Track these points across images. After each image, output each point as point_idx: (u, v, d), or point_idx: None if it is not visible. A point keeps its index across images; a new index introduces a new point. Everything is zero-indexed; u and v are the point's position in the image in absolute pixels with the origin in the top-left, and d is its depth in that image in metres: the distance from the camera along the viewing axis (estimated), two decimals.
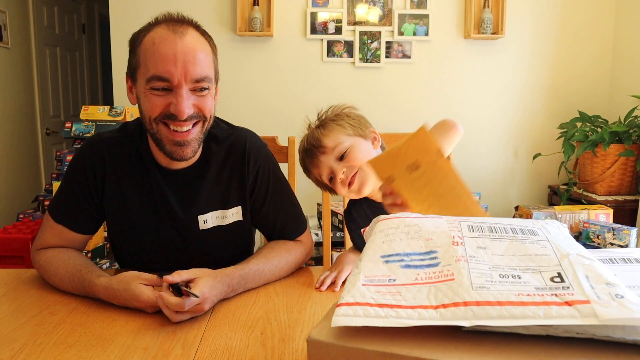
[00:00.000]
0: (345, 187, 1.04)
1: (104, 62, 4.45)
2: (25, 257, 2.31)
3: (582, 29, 2.88)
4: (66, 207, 1.03)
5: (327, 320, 0.48)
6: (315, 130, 1.08)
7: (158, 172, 1.01)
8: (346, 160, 1.04)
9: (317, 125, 1.09)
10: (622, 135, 2.44)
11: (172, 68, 0.86)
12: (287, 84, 2.84)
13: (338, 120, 1.08)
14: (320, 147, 1.05)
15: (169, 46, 0.87)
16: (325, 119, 1.10)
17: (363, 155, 1.03)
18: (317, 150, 1.05)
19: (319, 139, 1.05)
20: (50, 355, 0.68)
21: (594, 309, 0.41)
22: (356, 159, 1.03)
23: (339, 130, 1.06)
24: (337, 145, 1.04)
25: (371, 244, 0.58)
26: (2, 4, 3.14)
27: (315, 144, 1.05)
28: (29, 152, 3.50)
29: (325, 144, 1.04)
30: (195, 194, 1.02)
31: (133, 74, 0.94)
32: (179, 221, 1.03)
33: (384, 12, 2.82)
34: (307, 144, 1.08)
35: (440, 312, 0.44)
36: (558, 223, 0.61)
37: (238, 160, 1.05)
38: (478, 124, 2.92)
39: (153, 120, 0.91)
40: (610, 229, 1.97)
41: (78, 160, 1.03)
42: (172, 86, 0.88)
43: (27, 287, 0.95)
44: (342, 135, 1.05)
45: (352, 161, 1.03)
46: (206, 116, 0.94)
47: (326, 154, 1.05)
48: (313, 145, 1.06)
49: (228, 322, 0.79)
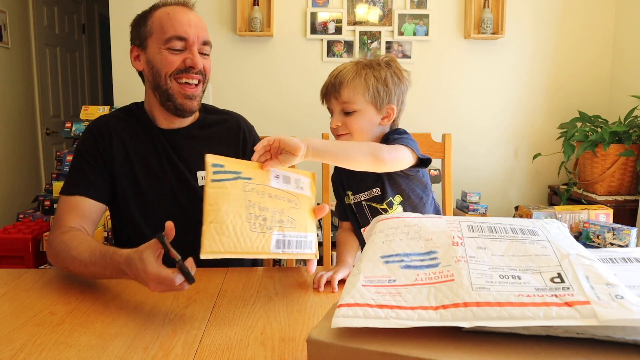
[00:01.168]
0: (333, 133, 1.09)
1: (104, 62, 4.45)
2: (25, 257, 2.31)
3: (582, 29, 2.88)
4: (79, 177, 1.10)
5: (327, 321, 0.48)
6: (347, 70, 1.07)
7: (159, 132, 1.15)
8: (347, 119, 1.06)
9: (353, 65, 1.08)
10: (622, 135, 2.44)
11: (188, 29, 1.07)
12: (287, 84, 2.84)
13: (369, 76, 1.06)
14: (336, 92, 1.07)
15: (184, 15, 1.08)
16: (363, 64, 1.08)
17: (361, 125, 1.06)
18: (333, 89, 1.07)
19: (341, 83, 1.06)
20: (50, 355, 0.68)
21: (594, 310, 0.41)
22: (354, 125, 1.06)
23: (359, 89, 1.05)
24: (349, 102, 1.05)
25: (371, 244, 0.58)
26: (2, 4, 3.13)
27: (336, 86, 1.07)
28: (29, 152, 3.50)
29: (341, 91, 1.06)
30: (192, 151, 1.14)
31: (142, 42, 1.10)
32: (181, 175, 1.12)
33: (384, 12, 2.82)
34: (334, 78, 1.08)
35: (440, 313, 0.44)
36: (558, 223, 0.61)
37: (233, 128, 1.22)
38: (478, 124, 2.92)
39: (168, 77, 1.07)
40: (610, 229, 1.96)
41: (87, 134, 1.15)
42: (187, 45, 1.07)
43: (27, 287, 0.95)
44: (359, 96, 1.05)
45: (349, 124, 1.06)
46: (207, 76, 1.13)
47: (337, 100, 1.07)
48: (333, 84, 1.07)
49: (228, 322, 0.79)
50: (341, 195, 1.20)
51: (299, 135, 1.16)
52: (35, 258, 2.33)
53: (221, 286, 0.95)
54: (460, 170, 2.85)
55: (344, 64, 1.10)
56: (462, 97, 2.90)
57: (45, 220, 2.51)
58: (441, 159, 1.45)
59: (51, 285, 0.96)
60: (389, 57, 1.11)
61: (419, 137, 1.44)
